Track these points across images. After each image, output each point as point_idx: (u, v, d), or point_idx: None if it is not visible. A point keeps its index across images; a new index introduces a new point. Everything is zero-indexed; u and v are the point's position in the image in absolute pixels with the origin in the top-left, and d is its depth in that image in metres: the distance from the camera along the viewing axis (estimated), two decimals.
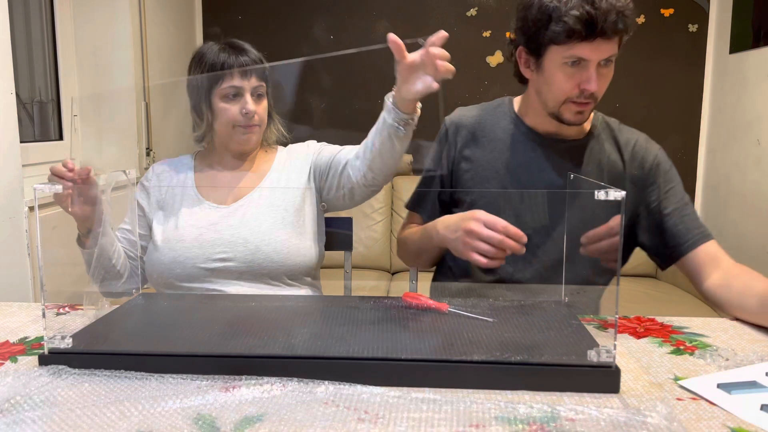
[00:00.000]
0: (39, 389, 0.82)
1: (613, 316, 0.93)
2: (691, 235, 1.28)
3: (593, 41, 1.17)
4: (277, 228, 1.34)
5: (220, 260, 1.31)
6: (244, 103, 1.33)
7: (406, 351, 0.88)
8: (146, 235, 1.40)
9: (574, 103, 1.24)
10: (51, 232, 1.76)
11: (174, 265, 1.31)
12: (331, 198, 1.43)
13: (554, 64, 1.23)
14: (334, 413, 0.76)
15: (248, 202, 1.37)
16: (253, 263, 1.31)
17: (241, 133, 1.35)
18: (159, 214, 1.39)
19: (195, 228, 1.34)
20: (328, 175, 1.41)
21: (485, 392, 0.82)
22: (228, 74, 1.31)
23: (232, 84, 1.32)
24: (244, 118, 1.33)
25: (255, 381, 0.83)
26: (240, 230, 1.33)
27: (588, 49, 1.18)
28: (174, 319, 1.08)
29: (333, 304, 1.16)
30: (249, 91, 1.33)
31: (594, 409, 0.76)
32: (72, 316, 1.16)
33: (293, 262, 1.33)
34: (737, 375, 0.87)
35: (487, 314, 1.03)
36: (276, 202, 1.37)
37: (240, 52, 1.33)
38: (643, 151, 1.34)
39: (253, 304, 1.15)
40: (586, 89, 1.21)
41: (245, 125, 1.34)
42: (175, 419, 0.74)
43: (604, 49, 1.18)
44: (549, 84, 1.25)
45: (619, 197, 0.87)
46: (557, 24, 1.17)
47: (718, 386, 0.83)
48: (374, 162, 1.28)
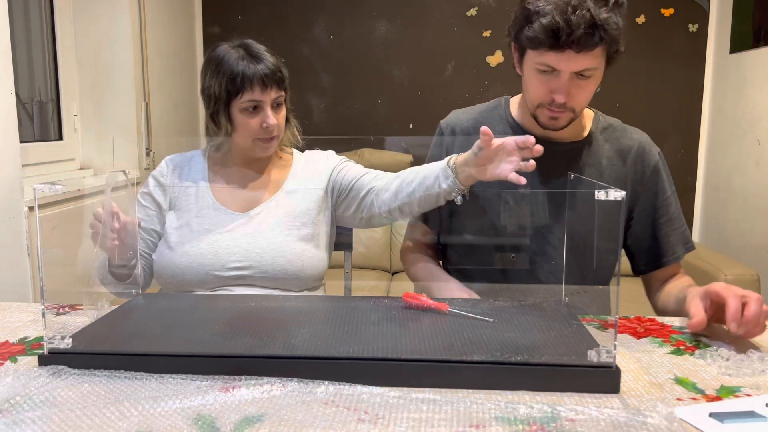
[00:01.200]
0: (39, 389, 0.82)
1: (613, 316, 0.92)
2: (677, 250, 1.33)
3: (563, 52, 1.13)
4: (292, 240, 1.32)
5: (235, 269, 1.28)
6: (264, 116, 1.29)
7: (406, 351, 0.88)
8: (160, 232, 1.37)
9: (547, 109, 1.22)
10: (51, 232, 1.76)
11: (188, 270, 1.29)
12: (346, 217, 1.41)
13: (529, 68, 1.21)
14: (334, 413, 0.76)
15: (265, 211, 1.35)
16: (268, 273, 1.29)
17: (260, 144, 1.32)
18: (171, 214, 1.36)
19: (210, 234, 1.31)
20: (347, 195, 1.39)
21: (485, 392, 0.82)
22: (248, 87, 1.26)
23: (253, 98, 1.27)
24: (264, 131, 1.30)
25: (255, 381, 0.83)
26: (256, 240, 1.30)
27: (557, 59, 1.15)
28: (174, 319, 1.08)
29: (333, 304, 1.16)
30: (269, 104, 1.29)
31: (594, 410, 0.76)
32: (72, 316, 1.16)
33: (306, 273, 1.32)
34: (733, 405, 0.81)
35: (487, 314, 1.03)
36: (292, 213, 1.35)
37: (258, 60, 1.27)
38: (644, 156, 1.33)
39: (253, 304, 1.15)
40: (555, 99, 1.19)
41: (265, 138, 1.31)
42: (175, 419, 0.74)
43: (577, 61, 1.14)
44: (526, 85, 1.25)
45: (619, 197, 0.87)
46: (529, 29, 1.15)
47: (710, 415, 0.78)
48: (409, 208, 1.28)
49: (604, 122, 1.36)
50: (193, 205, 1.36)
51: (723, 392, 0.84)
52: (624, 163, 1.33)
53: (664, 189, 1.33)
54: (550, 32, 1.12)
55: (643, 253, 1.35)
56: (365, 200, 1.35)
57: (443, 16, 3.24)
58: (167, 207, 1.38)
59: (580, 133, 1.33)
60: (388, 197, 1.30)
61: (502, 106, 1.39)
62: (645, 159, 1.33)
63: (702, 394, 0.83)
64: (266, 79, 1.26)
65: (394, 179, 1.32)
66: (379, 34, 3.28)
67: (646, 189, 1.33)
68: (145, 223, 1.36)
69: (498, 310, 1.06)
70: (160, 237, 1.36)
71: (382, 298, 1.14)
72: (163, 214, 1.37)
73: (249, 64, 1.26)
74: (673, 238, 1.33)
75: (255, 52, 1.29)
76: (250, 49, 1.30)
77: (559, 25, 1.11)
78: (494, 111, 1.39)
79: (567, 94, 1.18)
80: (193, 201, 1.36)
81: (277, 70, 1.29)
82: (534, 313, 1.06)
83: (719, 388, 0.85)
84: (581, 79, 1.18)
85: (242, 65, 1.26)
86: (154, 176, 1.41)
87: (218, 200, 1.36)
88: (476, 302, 1.14)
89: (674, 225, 1.33)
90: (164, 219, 1.37)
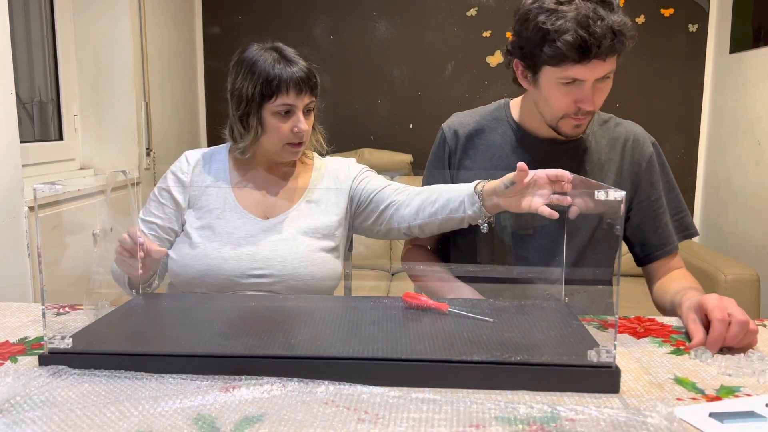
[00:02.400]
0: (39, 389, 0.82)
1: (613, 316, 0.93)
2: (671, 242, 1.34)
3: (588, 63, 1.15)
4: (314, 250, 1.31)
5: (256, 276, 1.28)
6: (296, 121, 1.27)
7: (406, 351, 0.88)
8: (178, 231, 1.35)
9: (572, 118, 1.23)
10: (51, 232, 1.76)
11: (208, 273, 1.27)
12: (364, 227, 1.41)
13: (550, 83, 1.21)
14: (334, 413, 0.76)
15: (288, 220, 1.33)
16: (287, 282, 1.28)
17: (288, 149, 1.31)
18: (191, 212, 1.35)
19: (233, 240, 1.30)
20: (367, 207, 1.38)
21: (485, 392, 0.82)
22: (284, 90, 1.25)
23: (287, 102, 1.26)
24: (295, 136, 1.29)
25: (255, 381, 0.83)
26: (278, 248, 1.29)
27: (583, 70, 1.16)
28: (174, 319, 1.08)
29: (333, 304, 1.16)
30: (301, 109, 1.28)
31: (594, 410, 0.76)
32: (72, 316, 1.16)
33: (325, 284, 1.32)
34: (733, 405, 0.81)
35: (487, 314, 1.03)
36: (314, 224, 1.34)
37: (293, 64, 1.27)
38: (639, 147, 1.35)
39: (253, 304, 1.15)
40: (582, 108, 1.20)
41: (294, 143, 1.30)
42: (175, 419, 0.74)
43: (601, 69, 1.16)
44: (546, 100, 1.24)
45: (619, 197, 0.87)
46: (551, 47, 1.15)
47: (710, 415, 0.78)
48: (429, 228, 1.29)
49: (599, 118, 1.38)
50: (214, 206, 1.34)
51: (723, 392, 0.84)
52: (620, 155, 1.34)
53: (659, 180, 1.34)
54: (577, 48, 1.12)
55: (640, 244, 1.36)
56: (385, 213, 1.35)
57: (443, 16, 3.24)
58: (186, 205, 1.35)
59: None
60: (409, 214, 1.30)
61: (503, 109, 1.40)
62: (640, 150, 1.34)
63: (702, 394, 0.84)
64: (302, 84, 1.26)
65: (416, 195, 1.31)
66: (379, 34, 3.28)
67: (644, 180, 1.34)
68: (163, 222, 1.35)
69: (498, 310, 1.06)
70: (177, 235, 1.35)
71: (382, 298, 1.15)
72: (181, 212, 1.35)
73: (285, 68, 1.25)
74: (670, 229, 1.35)
75: (289, 56, 1.28)
76: (283, 52, 1.29)
77: (585, 39, 1.12)
78: (495, 113, 1.40)
79: (592, 102, 1.19)
80: (215, 201, 1.34)
81: (312, 76, 1.29)
82: (534, 313, 1.06)
83: (719, 388, 0.85)
84: (602, 83, 1.21)
85: (278, 68, 1.25)
86: (173, 172, 1.38)
87: (241, 204, 1.34)
88: (476, 302, 1.14)
89: (672, 214, 1.35)
90: (183, 217, 1.35)
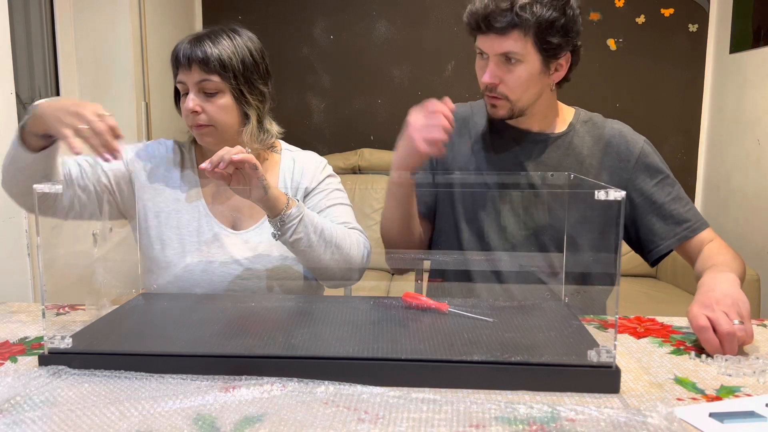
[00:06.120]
0: (39, 389, 0.82)
1: (613, 316, 0.93)
2: (696, 220, 1.32)
3: (487, 35, 1.21)
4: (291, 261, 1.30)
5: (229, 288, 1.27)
6: (186, 99, 1.22)
7: (406, 351, 0.88)
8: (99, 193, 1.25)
9: (487, 95, 1.27)
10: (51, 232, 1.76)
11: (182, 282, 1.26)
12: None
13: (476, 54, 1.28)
14: (334, 413, 0.76)
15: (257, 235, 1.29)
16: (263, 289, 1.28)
17: (194, 131, 1.25)
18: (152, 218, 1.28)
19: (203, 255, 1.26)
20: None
21: (485, 392, 0.82)
22: (177, 66, 1.21)
23: (179, 78, 1.22)
24: (187, 118, 1.23)
25: (255, 381, 0.83)
26: (253, 261, 1.27)
27: (482, 41, 1.23)
28: (174, 319, 1.08)
29: (333, 304, 1.16)
30: (192, 88, 1.20)
31: (594, 410, 0.76)
32: (72, 316, 1.16)
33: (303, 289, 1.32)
34: (733, 405, 0.81)
35: (487, 314, 1.03)
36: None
37: (197, 42, 1.19)
38: (627, 145, 1.34)
39: (253, 304, 1.15)
40: (481, 80, 1.25)
41: (191, 125, 1.24)
42: (175, 419, 0.74)
43: (499, 44, 1.20)
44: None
45: (619, 197, 0.87)
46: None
47: (710, 415, 0.78)
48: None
49: (584, 116, 1.39)
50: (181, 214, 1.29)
51: (723, 392, 0.84)
52: (605, 152, 1.34)
53: (658, 171, 1.33)
54: (473, 15, 1.21)
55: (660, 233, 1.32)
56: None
57: (443, 16, 3.24)
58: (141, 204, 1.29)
59: (554, 126, 1.35)
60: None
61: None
62: (628, 147, 1.33)
63: (702, 394, 0.84)
64: (191, 60, 1.18)
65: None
66: (379, 34, 3.28)
67: (637, 176, 1.33)
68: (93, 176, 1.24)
69: (498, 310, 1.06)
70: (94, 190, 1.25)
71: (382, 298, 1.14)
72: (116, 199, 1.28)
73: (184, 43, 1.21)
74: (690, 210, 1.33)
75: (201, 34, 1.22)
76: (201, 32, 1.23)
77: (481, 9, 1.19)
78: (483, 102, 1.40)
79: (493, 77, 1.23)
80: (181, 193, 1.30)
81: (213, 55, 1.18)
82: (534, 313, 1.06)
83: (719, 388, 0.85)
84: (508, 64, 1.22)
85: (180, 44, 1.21)
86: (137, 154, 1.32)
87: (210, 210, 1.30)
88: (476, 302, 1.14)
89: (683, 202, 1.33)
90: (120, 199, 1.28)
